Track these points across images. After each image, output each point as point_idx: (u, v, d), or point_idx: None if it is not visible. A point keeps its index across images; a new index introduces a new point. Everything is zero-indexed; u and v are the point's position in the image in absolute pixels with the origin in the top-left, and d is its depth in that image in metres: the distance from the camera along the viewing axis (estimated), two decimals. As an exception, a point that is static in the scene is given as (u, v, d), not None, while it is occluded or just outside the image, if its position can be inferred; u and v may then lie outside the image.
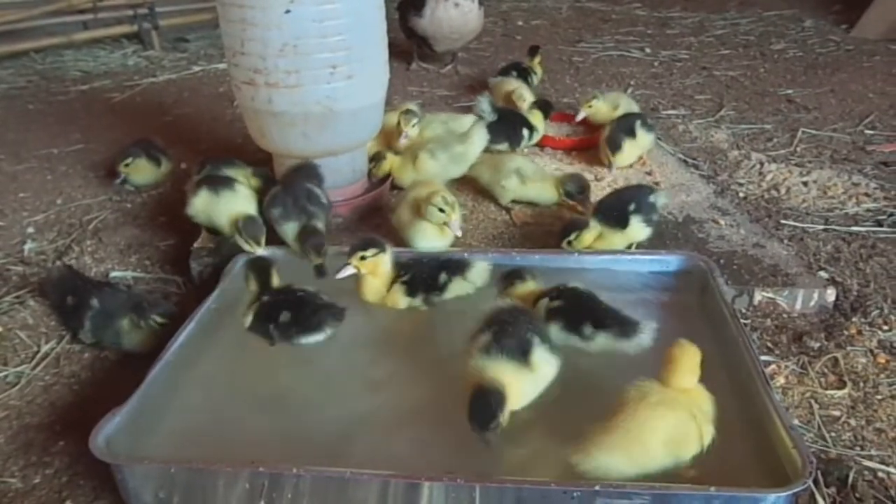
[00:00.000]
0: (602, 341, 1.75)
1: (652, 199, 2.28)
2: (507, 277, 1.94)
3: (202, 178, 2.38)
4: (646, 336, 1.71)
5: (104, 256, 2.50)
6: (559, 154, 3.06)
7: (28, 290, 2.29)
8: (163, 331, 1.97)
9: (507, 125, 2.94)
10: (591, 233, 2.22)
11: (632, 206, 2.23)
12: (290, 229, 2.18)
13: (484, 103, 2.94)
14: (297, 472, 1.41)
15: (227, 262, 2.20)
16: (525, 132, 2.94)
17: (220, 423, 1.71)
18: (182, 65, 4.79)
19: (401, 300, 2.03)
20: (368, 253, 1.99)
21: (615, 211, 2.24)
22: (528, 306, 1.80)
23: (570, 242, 2.20)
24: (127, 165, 2.92)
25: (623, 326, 1.73)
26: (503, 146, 2.93)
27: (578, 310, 1.77)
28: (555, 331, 1.76)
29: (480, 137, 2.66)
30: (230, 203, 2.26)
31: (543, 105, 3.13)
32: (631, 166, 2.90)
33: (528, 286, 1.91)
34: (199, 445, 1.64)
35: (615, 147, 2.79)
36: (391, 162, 2.69)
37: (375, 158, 2.69)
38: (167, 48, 5.14)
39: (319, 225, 2.19)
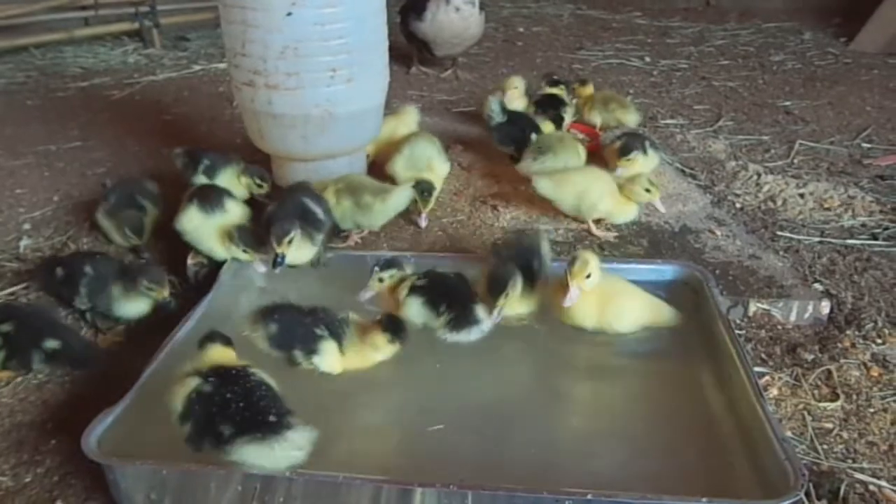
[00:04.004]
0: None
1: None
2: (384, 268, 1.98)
3: (192, 193, 2.30)
4: (485, 324, 1.88)
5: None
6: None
7: (23, 287, 2.28)
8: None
9: (516, 128, 2.91)
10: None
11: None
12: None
13: (494, 104, 2.91)
14: (289, 476, 1.41)
15: (223, 262, 2.20)
16: (533, 136, 2.91)
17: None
18: (182, 64, 4.79)
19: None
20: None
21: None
22: (391, 293, 1.98)
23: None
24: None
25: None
26: (509, 149, 2.90)
27: (438, 290, 1.92)
28: (415, 307, 1.91)
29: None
30: (220, 225, 2.20)
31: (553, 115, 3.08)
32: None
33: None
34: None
35: (624, 153, 2.66)
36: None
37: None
38: (168, 46, 5.14)
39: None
